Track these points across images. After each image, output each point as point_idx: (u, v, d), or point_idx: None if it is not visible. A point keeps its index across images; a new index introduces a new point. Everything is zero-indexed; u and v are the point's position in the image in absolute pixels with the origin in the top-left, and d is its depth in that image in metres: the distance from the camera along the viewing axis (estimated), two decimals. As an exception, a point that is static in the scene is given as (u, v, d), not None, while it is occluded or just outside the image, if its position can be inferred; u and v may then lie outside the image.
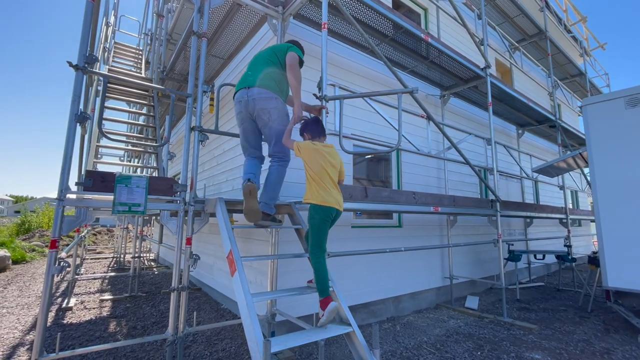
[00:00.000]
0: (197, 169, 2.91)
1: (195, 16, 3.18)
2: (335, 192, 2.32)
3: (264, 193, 2.69)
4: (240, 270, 1.99)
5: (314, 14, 3.91)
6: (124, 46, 7.72)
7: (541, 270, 8.09)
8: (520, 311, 4.83)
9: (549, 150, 9.37)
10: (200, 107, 3.00)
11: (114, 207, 2.40)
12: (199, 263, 5.84)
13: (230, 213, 3.32)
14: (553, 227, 8.66)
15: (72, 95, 2.41)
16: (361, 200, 2.98)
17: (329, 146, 2.44)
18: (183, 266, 2.75)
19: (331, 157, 2.36)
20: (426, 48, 4.59)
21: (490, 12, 7.58)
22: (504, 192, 7.11)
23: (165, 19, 5.65)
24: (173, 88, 5.97)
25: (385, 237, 4.53)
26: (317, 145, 2.38)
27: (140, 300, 5.09)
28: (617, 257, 3.87)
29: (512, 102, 6.32)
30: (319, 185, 2.28)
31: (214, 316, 4.31)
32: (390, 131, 4.59)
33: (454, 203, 4.10)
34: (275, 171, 2.73)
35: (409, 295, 4.74)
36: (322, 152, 2.34)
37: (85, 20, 2.56)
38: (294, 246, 3.30)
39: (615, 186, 4.00)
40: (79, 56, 2.48)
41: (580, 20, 10.65)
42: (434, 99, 5.84)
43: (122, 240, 9.21)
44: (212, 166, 5.72)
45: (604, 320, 4.38)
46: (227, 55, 4.96)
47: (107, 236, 17.66)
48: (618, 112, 4.09)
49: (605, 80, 12.10)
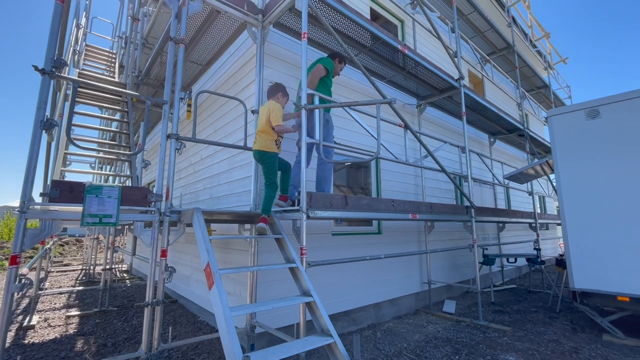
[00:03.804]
0: (173, 177, 2.83)
1: (172, 22, 3.11)
2: (256, 137, 3.12)
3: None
4: (218, 283, 1.94)
5: (293, 23, 3.94)
6: (96, 49, 7.41)
7: (513, 273, 8.42)
8: (495, 314, 4.99)
9: (518, 157, 9.84)
10: (177, 114, 2.93)
11: (83, 218, 2.28)
12: (175, 274, 5.64)
13: (208, 223, 3.25)
14: (523, 231, 9.07)
15: (38, 101, 2.29)
16: (342, 209, 3.00)
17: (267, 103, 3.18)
18: (158, 279, 2.64)
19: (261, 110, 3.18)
20: (403, 59, 4.73)
21: (463, 25, 7.94)
22: (478, 198, 7.39)
23: (140, 22, 5.50)
24: (149, 93, 5.79)
25: (365, 244, 4.57)
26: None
27: (111, 315, 4.82)
28: (582, 260, 4.10)
29: (484, 112, 6.61)
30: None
31: (190, 330, 4.15)
32: (370, 139, 4.67)
33: (431, 210, 4.20)
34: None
35: (389, 302, 4.78)
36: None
37: (53, 22, 2.45)
38: (274, 255, 3.25)
39: (579, 193, 4.26)
40: (46, 60, 2.36)
41: (544, 35, 11.37)
42: (411, 108, 6.00)
43: (92, 251, 8.73)
44: (189, 174, 5.57)
45: (571, 320, 4.61)
46: (205, 61, 4.88)
47: (75, 247, 16.66)
48: (580, 123, 4.37)
49: (567, 92, 12.93)
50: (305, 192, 2.69)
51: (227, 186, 4.23)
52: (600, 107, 4.22)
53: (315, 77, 3.28)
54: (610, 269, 3.88)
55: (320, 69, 3.31)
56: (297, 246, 2.74)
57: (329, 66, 3.39)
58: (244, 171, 3.86)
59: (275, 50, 4.03)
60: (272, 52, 3.98)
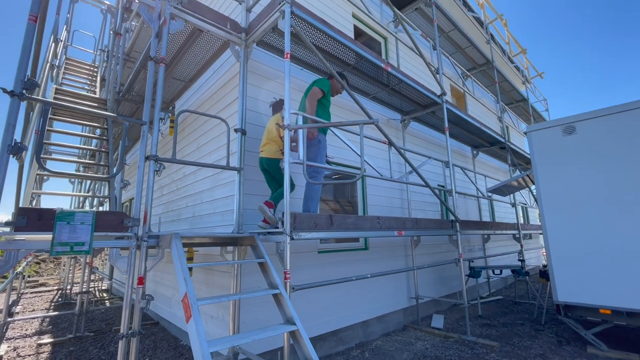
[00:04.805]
0: (151, 200, 2.73)
1: (152, 41, 3.07)
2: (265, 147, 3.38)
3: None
4: (196, 316, 1.85)
5: (277, 41, 3.95)
6: (77, 62, 7.26)
7: (499, 284, 8.50)
8: (483, 327, 4.99)
9: (500, 169, 10.08)
10: (156, 135, 2.85)
11: (53, 247, 2.16)
12: (157, 294, 5.43)
13: (188, 247, 3.15)
14: (508, 241, 9.22)
15: (6, 124, 2.18)
16: (327, 229, 2.96)
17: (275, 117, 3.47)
18: (135, 307, 2.52)
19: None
20: (387, 76, 4.80)
21: (444, 42, 8.19)
22: (463, 210, 7.48)
23: (123, 37, 5.42)
24: (131, 109, 5.67)
25: (352, 261, 4.52)
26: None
27: (86, 342, 4.57)
28: (564, 273, 4.17)
29: (466, 126, 6.76)
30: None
31: (171, 355, 3.97)
32: (355, 154, 4.68)
33: (416, 225, 4.21)
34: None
35: (377, 319, 4.72)
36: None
37: (25, 43, 2.36)
38: (258, 277, 3.16)
39: (559, 207, 4.36)
40: (16, 81, 2.27)
41: (521, 51, 11.84)
42: (395, 123, 6.08)
43: (69, 270, 8.34)
44: (171, 190, 5.43)
45: (556, 332, 4.65)
46: (188, 77, 4.83)
47: (53, 264, 15.92)
48: (557, 139, 4.51)
49: (544, 105, 13.43)
50: (288, 213, 2.64)
51: (210, 204, 4.13)
52: (576, 123, 4.38)
53: (313, 102, 3.26)
54: (591, 282, 3.95)
55: (315, 92, 3.29)
56: (280, 269, 2.67)
57: (324, 87, 3.36)
58: (226, 189, 3.78)
59: (259, 67, 4.02)
60: (256, 69, 3.98)
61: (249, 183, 3.57)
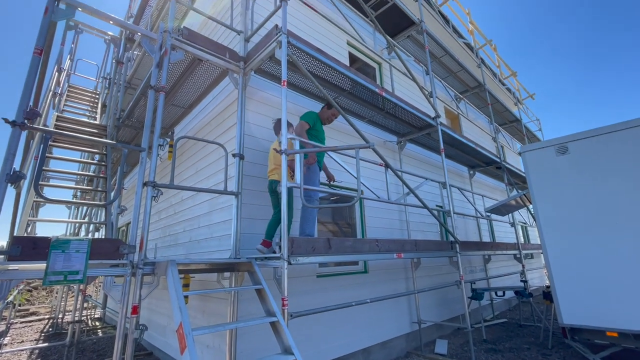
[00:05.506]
0: (148, 226, 2.71)
1: (153, 70, 3.16)
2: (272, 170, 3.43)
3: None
4: (191, 347, 1.79)
5: (274, 69, 4.08)
6: (79, 89, 7.43)
7: (503, 305, 8.31)
8: (488, 353, 4.83)
9: (498, 188, 10.12)
10: (154, 161, 2.88)
11: (46, 277, 2.12)
12: (151, 323, 5.26)
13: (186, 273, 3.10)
14: (509, 261, 9.10)
15: (6, 153, 2.20)
16: (325, 253, 2.93)
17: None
18: (128, 338, 2.44)
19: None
20: (382, 100, 4.93)
21: (436, 67, 8.47)
22: (463, 231, 7.44)
23: (124, 66, 5.59)
24: (130, 135, 5.74)
25: (352, 285, 4.44)
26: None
27: (76, 376, 4.38)
28: (568, 295, 4.09)
29: (462, 147, 6.86)
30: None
31: (164, 389, 3.79)
32: (353, 177, 4.71)
33: (416, 247, 4.17)
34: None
35: (379, 345, 4.56)
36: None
37: (29, 74, 2.44)
38: (256, 304, 3.09)
39: (558, 226, 4.35)
40: (18, 111, 2.31)
41: (512, 74, 12.23)
42: (392, 145, 6.17)
43: (61, 298, 8.11)
44: (169, 214, 5.40)
45: (564, 356, 4.50)
46: (187, 104, 4.93)
47: (45, 292, 15.49)
48: (551, 159, 4.57)
49: (537, 124, 13.71)
50: (286, 238, 2.63)
51: (207, 229, 4.10)
52: (569, 143, 4.46)
53: (302, 134, 3.47)
54: (596, 303, 3.88)
55: (302, 125, 3.53)
56: (278, 295, 2.62)
57: (309, 120, 3.59)
58: (224, 214, 3.76)
59: (257, 93, 4.13)
60: (254, 95, 4.08)
61: (247, 207, 3.57)
